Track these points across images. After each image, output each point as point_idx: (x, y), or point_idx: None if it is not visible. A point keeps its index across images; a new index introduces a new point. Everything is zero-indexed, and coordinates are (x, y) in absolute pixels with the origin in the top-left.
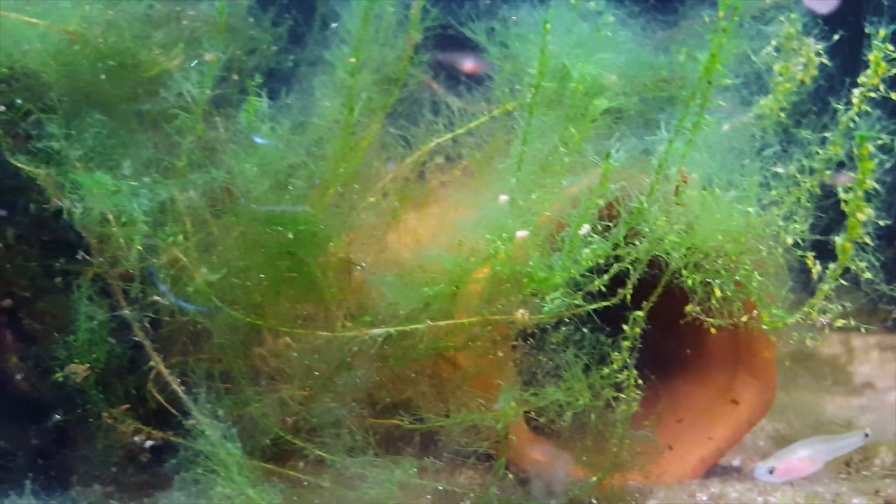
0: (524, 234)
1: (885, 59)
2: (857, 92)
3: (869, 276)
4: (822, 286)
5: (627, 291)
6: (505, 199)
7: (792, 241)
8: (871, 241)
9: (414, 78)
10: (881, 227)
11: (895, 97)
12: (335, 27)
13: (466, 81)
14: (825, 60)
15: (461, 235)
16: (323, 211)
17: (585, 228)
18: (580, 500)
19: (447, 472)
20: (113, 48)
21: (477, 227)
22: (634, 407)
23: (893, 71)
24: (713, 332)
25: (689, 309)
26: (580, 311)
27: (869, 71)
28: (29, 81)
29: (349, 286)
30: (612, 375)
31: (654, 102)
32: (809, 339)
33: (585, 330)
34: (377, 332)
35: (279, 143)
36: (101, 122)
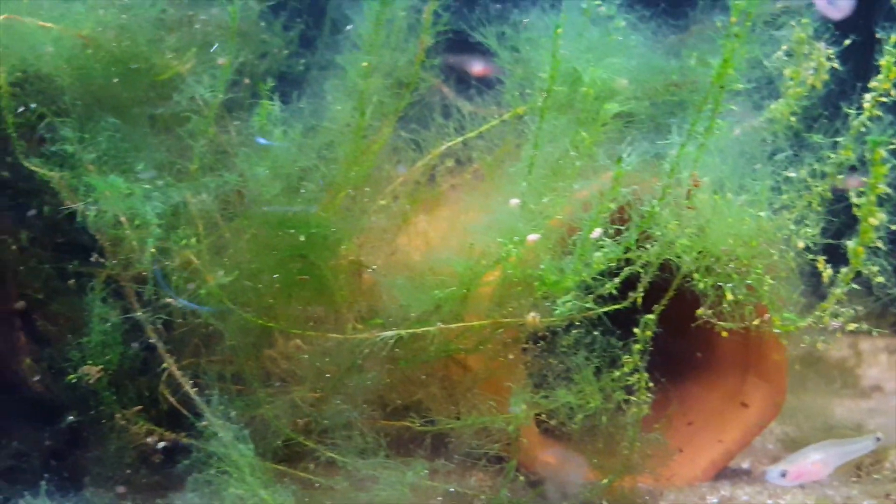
0: (535, 237)
1: None
2: (868, 97)
3: (881, 279)
4: (833, 290)
5: (639, 295)
6: (516, 202)
7: (803, 244)
8: (882, 244)
9: (425, 82)
10: (892, 230)
11: None
12: (347, 31)
13: (477, 85)
14: (836, 65)
15: (472, 238)
16: (334, 214)
17: (597, 232)
18: (591, 502)
19: (458, 473)
20: (126, 52)
21: (488, 230)
22: (645, 410)
23: None
24: (724, 335)
25: (700, 312)
26: (591, 314)
27: (880, 76)
28: (42, 85)
29: (360, 288)
30: (622, 378)
31: (664, 107)
32: (821, 342)
33: (596, 333)
34: (388, 334)
35: (283, 144)
36: (114, 125)
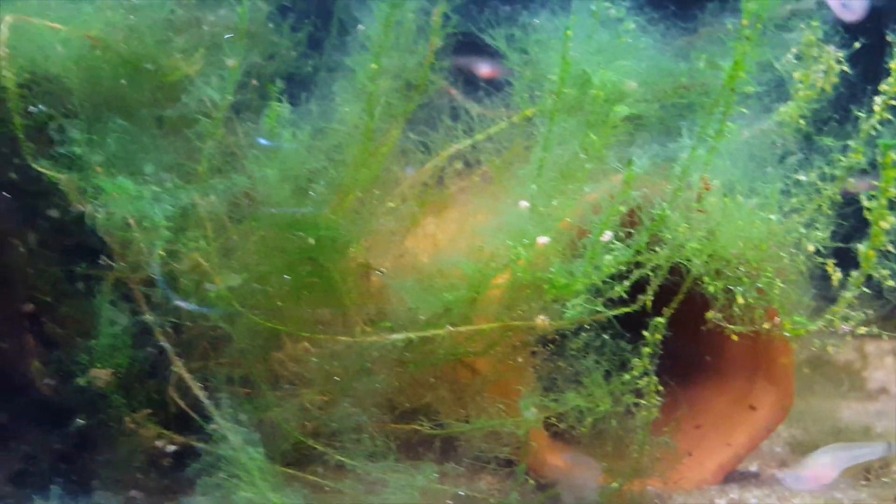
0: (545, 240)
1: None
2: (878, 100)
3: (892, 283)
4: (844, 294)
5: (648, 298)
6: (525, 204)
7: (813, 248)
8: (893, 248)
9: (434, 84)
10: None
11: None
12: (356, 33)
13: (485, 87)
14: (846, 68)
15: (481, 241)
16: (343, 216)
17: (608, 235)
18: None
19: (466, 477)
20: (134, 53)
21: (497, 232)
22: (655, 413)
23: None
24: (735, 338)
25: (710, 316)
26: (601, 317)
27: (891, 79)
28: (50, 86)
29: (368, 291)
30: (632, 382)
31: (673, 109)
32: (831, 346)
33: (606, 336)
34: (397, 337)
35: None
36: (122, 126)
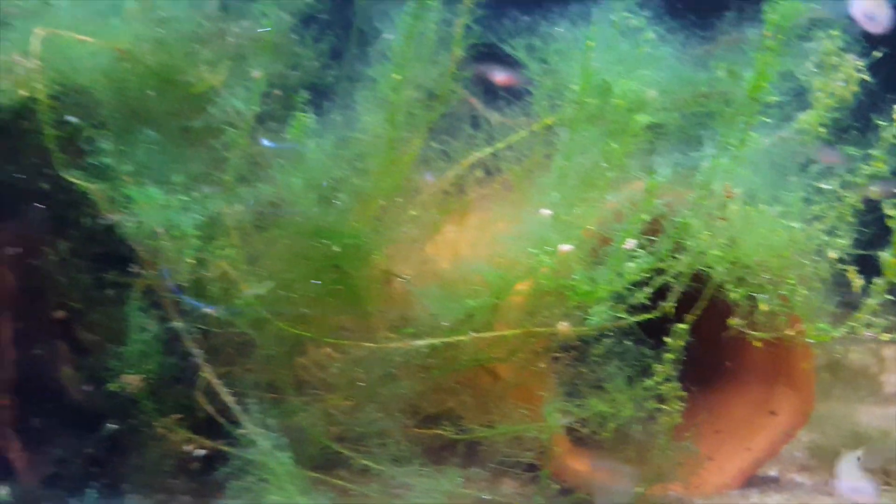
0: (568, 247)
1: None
2: None
3: None
4: (867, 300)
5: (670, 305)
6: (547, 212)
7: (836, 255)
8: None
9: (455, 94)
10: None
11: None
12: (376, 43)
13: (505, 96)
14: (866, 76)
15: (503, 248)
16: (366, 224)
17: (631, 243)
18: None
19: (488, 481)
20: (162, 65)
21: (519, 239)
22: (677, 418)
23: None
24: (758, 345)
25: (732, 322)
26: (623, 323)
27: None
28: (80, 98)
29: (391, 297)
30: (654, 387)
31: (693, 118)
32: (854, 352)
33: (628, 342)
34: (421, 342)
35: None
36: (150, 137)
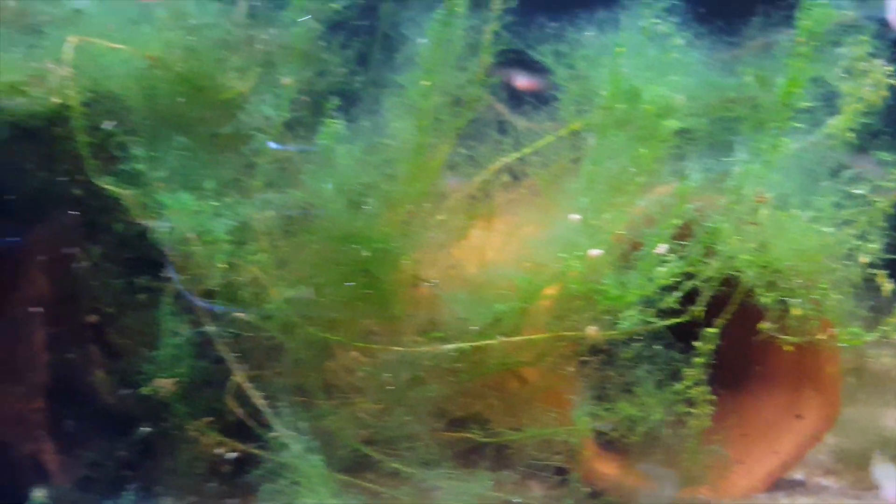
0: (598, 252)
1: None
2: None
3: None
4: None
5: (700, 309)
6: (576, 217)
7: (867, 259)
8: None
9: (482, 100)
10: None
11: None
12: (403, 49)
13: (531, 101)
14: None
15: (532, 252)
16: (395, 229)
17: (663, 248)
18: None
19: (516, 484)
20: (192, 72)
21: (549, 244)
22: (706, 422)
23: None
24: (789, 349)
25: (763, 326)
26: (653, 327)
27: None
28: (112, 104)
29: (419, 302)
30: (683, 391)
31: (720, 123)
32: (881, 356)
33: (657, 346)
34: (449, 346)
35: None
36: (181, 143)
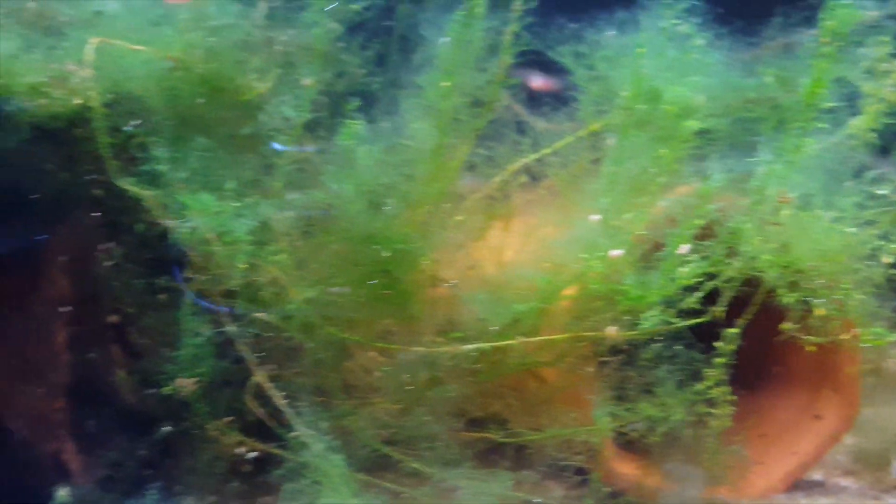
0: (619, 252)
1: None
2: None
3: None
4: None
5: (721, 309)
6: (597, 217)
7: (890, 259)
8: None
9: (501, 101)
10: None
11: None
12: (421, 50)
13: (549, 102)
14: None
15: (552, 253)
16: (415, 229)
17: (685, 248)
18: None
19: (534, 484)
20: (212, 73)
21: (569, 244)
22: (727, 422)
23: None
24: (811, 349)
25: (785, 327)
26: (674, 328)
27: None
28: (133, 105)
29: (438, 302)
30: (704, 391)
31: (740, 123)
32: None
33: (678, 347)
34: (469, 347)
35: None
36: (202, 144)
